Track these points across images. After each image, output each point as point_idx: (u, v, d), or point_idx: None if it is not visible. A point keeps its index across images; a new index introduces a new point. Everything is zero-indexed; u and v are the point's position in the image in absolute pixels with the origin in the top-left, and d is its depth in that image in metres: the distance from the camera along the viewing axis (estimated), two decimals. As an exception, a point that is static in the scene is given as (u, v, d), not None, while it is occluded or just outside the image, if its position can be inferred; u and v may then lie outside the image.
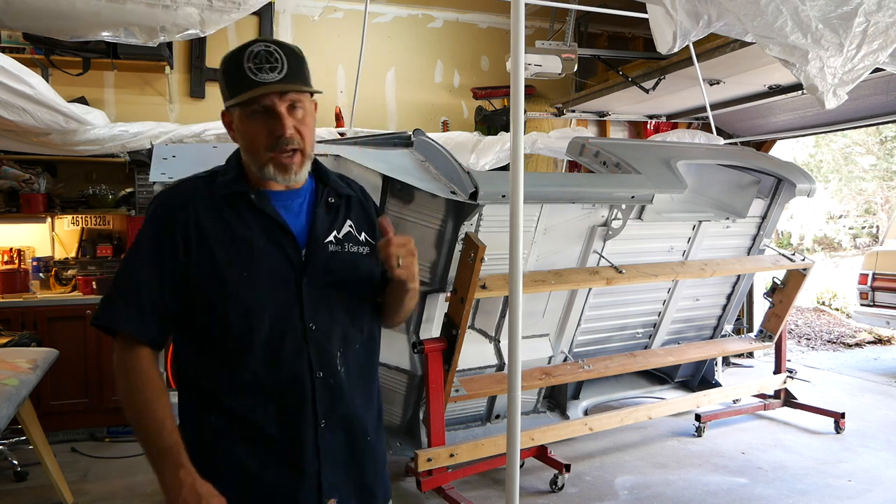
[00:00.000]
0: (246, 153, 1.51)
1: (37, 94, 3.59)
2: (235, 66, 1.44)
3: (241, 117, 1.47)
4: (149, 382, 1.41)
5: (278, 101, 1.44)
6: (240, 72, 1.43)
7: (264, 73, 1.43)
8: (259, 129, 1.46)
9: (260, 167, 1.48)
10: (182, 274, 1.44)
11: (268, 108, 1.44)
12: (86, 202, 5.06)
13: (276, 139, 1.45)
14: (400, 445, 4.01)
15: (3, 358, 3.39)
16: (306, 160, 1.51)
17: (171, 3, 2.86)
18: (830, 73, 2.75)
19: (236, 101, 1.44)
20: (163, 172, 3.04)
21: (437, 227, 3.52)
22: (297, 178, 1.50)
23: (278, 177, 1.48)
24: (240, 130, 1.49)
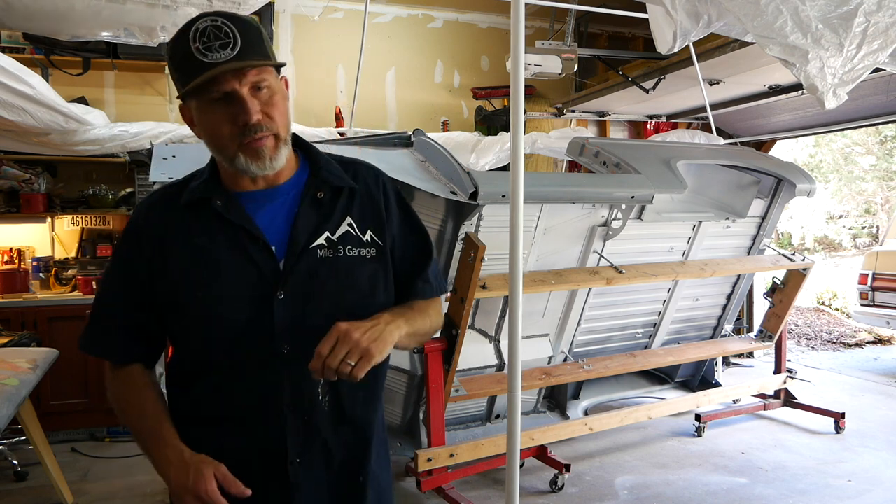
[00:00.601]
0: (213, 148, 1.29)
1: (37, 94, 3.58)
2: (182, 49, 1.21)
3: (199, 108, 1.26)
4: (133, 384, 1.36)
5: (238, 84, 1.22)
6: (188, 54, 1.20)
7: (215, 53, 1.20)
8: (221, 119, 1.24)
9: (231, 160, 1.27)
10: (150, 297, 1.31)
11: (227, 94, 1.22)
12: (86, 202, 5.06)
13: (241, 127, 1.23)
14: (400, 445, 4.01)
15: (3, 358, 3.39)
16: (281, 144, 1.28)
17: (171, 3, 2.86)
18: (830, 73, 2.75)
19: (190, 88, 1.22)
20: (163, 172, 3.04)
21: (437, 227, 3.52)
22: (273, 165, 1.28)
23: (252, 166, 1.26)
24: (201, 123, 1.28)
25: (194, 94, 1.24)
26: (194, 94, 1.24)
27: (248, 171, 1.27)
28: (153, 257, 1.29)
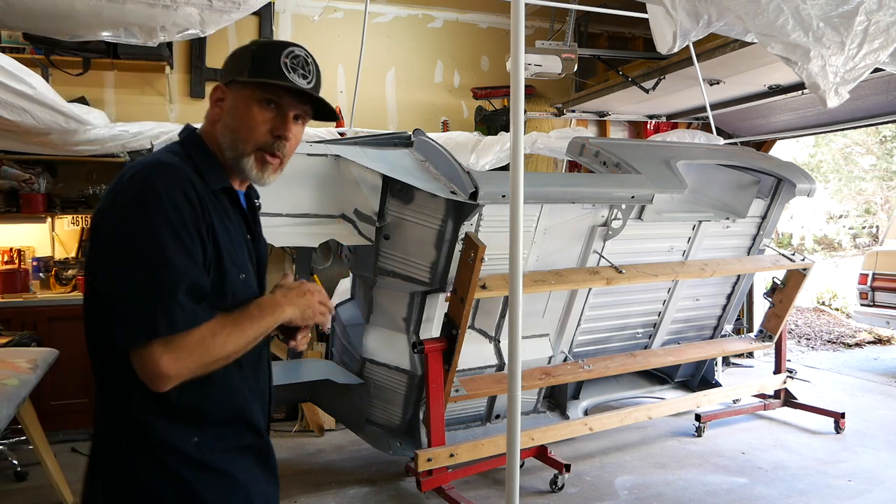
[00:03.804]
0: (229, 135, 1.40)
1: (37, 94, 3.58)
2: (270, 54, 1.40)
3: (247, 100, 1.39)
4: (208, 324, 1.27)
5: (293, 108, 1.42)
6: (273, 61, 1.38)
7: (296, 76, 1.40)
8: (262, 119, 1.39)
9: (239, 155, 1.40)
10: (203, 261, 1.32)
11: (281, 107, 1.41)
12: (86, 202, 5.05)
13: (273, 137, 1.40)
14: (400, 445, 4.01)
15: (3, 358, 3.39)
16: (280, 169, 1.45)
17: (171, 3, 2.85)
18: (832, 72, 2.75)
19: (261, 80, 1.38)
20: (163, 172, 3.03)
21: (437, 227, 3.51)
22: (266, 181, 1.44)
23: (252, 172, 1.41)
24: (237, 111, 1.40)
25: (255, 87, 1.39)
26: (255, 87, 1.39)
27: (246, 173, 1.42)
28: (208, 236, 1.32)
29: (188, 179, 1.31)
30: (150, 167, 1.30)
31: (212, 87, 1.48)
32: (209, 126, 1.45)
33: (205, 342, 1.24)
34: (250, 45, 1.44)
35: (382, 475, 4.08)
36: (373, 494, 3.84)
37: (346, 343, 4.11)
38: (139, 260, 1.23)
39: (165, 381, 1.21)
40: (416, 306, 3.74)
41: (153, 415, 1.29)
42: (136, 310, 1.21)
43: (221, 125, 1.42)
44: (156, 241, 1.23)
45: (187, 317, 1.23)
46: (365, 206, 3.61)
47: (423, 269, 3.62)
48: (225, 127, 1.41)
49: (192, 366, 1.24)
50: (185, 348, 1.22)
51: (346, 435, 4.60)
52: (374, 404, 4.05)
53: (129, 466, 1.29)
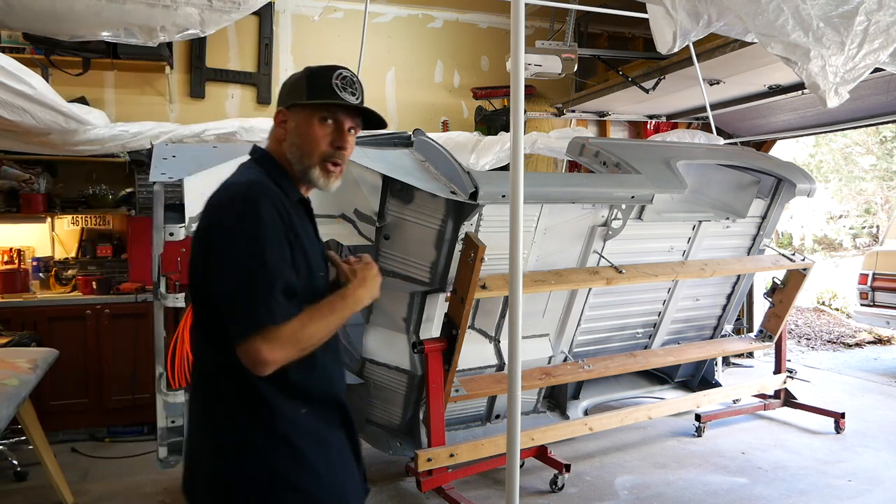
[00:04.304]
0: (297, 151, 1.64)
1: (37, 94, 3.58)
2: (322, 77, 1.65)
3: (308, 119, 1.63)
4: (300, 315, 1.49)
5: (347, 121, 1.66)
6: (326, 83, 1.64)
7: (346, 94, 1.64)
8: (323, 135, 1.64)
9: (307, 167, 1.64)
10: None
11: (338, 122, 1.65)
12: (86, 202, 5.05)
13: (334, 149, 1.65)
14: (400, 445, 4.01)
15: (3, 358, 3.39)
16: (340, 177, 1.70)
17: (171, 3, 2.86)
18: (832, 72, 2.75)
19: (318, 102, 1.62)
20: (163, 172, 3.04)
21: (437, 227, 3.51)
22: (331, 188, 1.68)
23: (320, 181, 1.66)
24: (301, 130, 1.64)
25: (314, 108, 1.63)
26: (314, 108, 1.63)
27: (314, 182, 1.66)
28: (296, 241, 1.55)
29: (277, 195, 1.55)
30: (246, 187, 1.54)
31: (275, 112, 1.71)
32: (275, 145, 1.68)
33: (296, 333, 1.47)
34: (304, 72, 1.69)
35: (382, 475, 4.08)
36: (373, 494, 3.84)
37: (346, 343, 4.11)
38: (241, 266, 1.47)
39: (265, 367, 1.45)
40: (416, 306, 3.74)
41: (270, 390, 1.52)
42: (241, 309, 1.46)
43: (288, 143, 1.65)
44: (256, 250, 1.46)
45: (283, 311, 1.45)
46: (365, 206, 3.62)
47: (423, 269, 3.62)
48: (291, 144, 1.65)
49: (287, 354, 1.46)
50: (281, 339, 1.44)
51: (346, 435, 4.60)
52: (374, 404, 4.05)
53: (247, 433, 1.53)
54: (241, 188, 1.54)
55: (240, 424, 1.54)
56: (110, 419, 4.78)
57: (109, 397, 4.72)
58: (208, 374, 1.63)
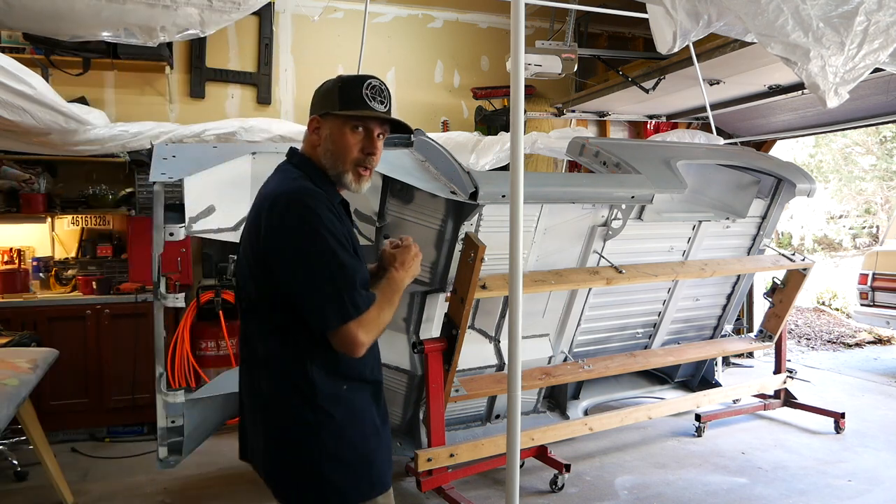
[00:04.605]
0: (331, 157, 1.80)
1: (37, 94, 3.58)
2: (353, 88, 1.77)
3: (341, 128, 1.78)
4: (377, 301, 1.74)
5: (377, 128, 1.81)
6: (357, 94, 1.76)
7: (376, 103, 1.78)
8: (355, 142, 1.79)
9: (341, 172, 1.80)
10: None
11: (368, 130, 1.80)
12: (86, 202, 5.05)
13: (364, 155, 1.80)
14: (400, 445, 4.01)
15: (3, 358, 3.39)
16: (370, 179, 1.86)
17: (171, 3, 2.85)
18: (832, 72, 2.75)
19: (350, 113, 1.77)
20: (163, 172, 3.04)
21: (437, 227, 3.52)
22: (362, 190, 1.85)
23: (352, 184, 1.81)
24: (334, 138, 1.79)
25: (346, 117, 1.77)
26: (346, 117, 1.77)
27: (347, 185, 1.82)
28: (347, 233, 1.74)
29: (328, 198, 1.74)
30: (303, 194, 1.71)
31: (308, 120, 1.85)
32: (311, 149, 1.84)
33: (377, 317, 1.71)
34: (336, 82, 1.81)
35: (382, 475, 4.07)
36: (373, 494, 3.83)
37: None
38: (322, 266, 1.66)
39: (361, 349, 1.69)
40: (416, 306, 3.74)
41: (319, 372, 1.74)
42: (330, 302, 1.65)
43: (322, 149, 1.81)
44: (329, 250, 1.66)
45: (366, 301, 1.69)
46: (365, 206, 3.62)
47: (423, 269, 3.61)
48: (326, 150, 1.80)
49: (374, 334, 1.72)
50: (369, 323, 1.69)
51: (346, 435, 4.60)
52: (374, 404, 4.05)
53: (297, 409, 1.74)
54: (296, 194, 1.71)
55: (289, 401, 1.74)
56: (110, 419, 4.78)
57: (109, 397, 4.72)
58: (262, 358, 1.80)
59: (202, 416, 3.27)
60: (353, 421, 1.78)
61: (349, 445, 1.76)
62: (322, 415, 1.73)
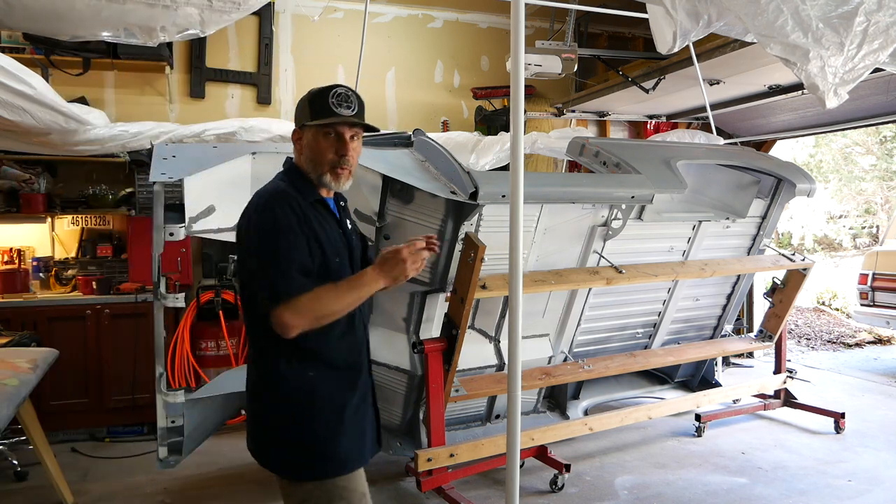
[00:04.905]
0: (310, 163, 2.01)
1: (37, 94, 3.58)
2: (321, 99, 1.97)
3: (315, 135, 1.99)
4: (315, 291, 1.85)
5: (347, 131, 1.99)
6: (324, 103, 1.96)
7: (342, 109, 1.97)
8: (329, 147, 1.99)
9: (320, 175, 2.00)
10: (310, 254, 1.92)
11: (339, 134, 1.99)
12: (86, 202, 5.05)
13: (339, 157, 1.99)
14: (400, 445, 4.01)
15: (3, 358, 3.40)
16: (351, 176, 2.04)
17: (171, 3, 2.86)
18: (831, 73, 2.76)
19: (318, 122, 1.96)
20: (163, 172, 3.04)
21: (437, 227, 3.52)
22: (343, 187, 2.04)
23: (332, 183, 2.00)
24: (311, 145, 2.00)
25: (318, 127, 1.98)
26: (318, 127, 1.98)
27: (328, 185, 2.02)
28: (309, 232, 1.92)
29: (293, 198, 1.94)
30: (269, 194, 1.96)
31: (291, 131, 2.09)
32: (298, 157, 2.06)
33: (311, 302, 1.83)
34: (307, 96, 2.01)
35: (382, 475, 4.08)
36: (373, 494, 3.80)
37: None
38: (267, 255, 1.86)
39: (291, 330, 1.82)
40: (416, 306, 3.74)
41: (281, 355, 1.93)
42: (266, 286, 1.84)
43: (304, 157, 2.03)
44: (276, 241, 1.86)
45: (298, 286, 1.83)
46: (365, 206, 3.62)
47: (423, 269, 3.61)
48: (307, 158, 2.02)
49: (307, 318, 1.83)
50: (299, 308, 1.82)
51: (346, 435, 4.60)
52: (374, 404, 4.05)
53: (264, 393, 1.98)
54: (266, 195, 1.96)
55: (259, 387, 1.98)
56: (110, 419, 4.78)
57: (109, 397, 4.72)
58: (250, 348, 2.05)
59: (202, 416, 3.27)
60: (313, 406, 1.94)
61: (308, 429, 1.93)
62: (282, 400, 1.94)
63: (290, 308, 1.81)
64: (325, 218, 2.00)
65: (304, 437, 1.93)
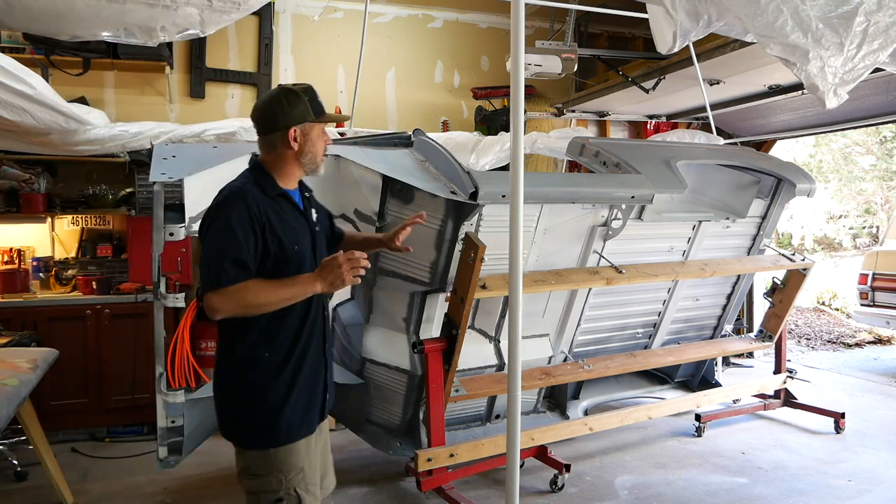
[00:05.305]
0: (309, 156, 2.22)
1: (37, 94, 3.58)
2: (313, 97, 2.20)
3: (316, 132, 2.22)
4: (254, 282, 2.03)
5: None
6: (318, 102, 2.21)
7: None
8: (322, 140, 2.25)
9: (315, 166, 2.25)
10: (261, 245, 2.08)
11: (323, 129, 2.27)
12: (86, 202, 5.05)
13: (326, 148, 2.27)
14: (400, 445, 4.01)
15: (3, 358, 3.40)
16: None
17: (171, 3, 2.86)
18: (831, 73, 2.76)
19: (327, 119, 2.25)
20: (163, 172, 3.03)
21: (437, 227, 3.51)
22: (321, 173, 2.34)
23: (320, 169, 2.27)
24: (311, 141, 2.20)
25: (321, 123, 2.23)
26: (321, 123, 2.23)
27: (319, 172, 2.29)
28: (264, 225, 2.08)
29: (253, 195, 2.10)
30: (228, 193, 2.10)
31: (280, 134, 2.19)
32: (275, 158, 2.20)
33: (240, 292, 1.99)
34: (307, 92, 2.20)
35: (382, 475, 4.08)
36: (373, 494, 3.84)
37: (346, 343, 4.11)
38: (211, 248, 2.03)
39: (216, 313, 2.00)
40: (416, 306, 3.74)
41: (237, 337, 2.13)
42: (204, 273, 2.02)
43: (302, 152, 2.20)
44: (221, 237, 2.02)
45: (230, 276, 1.99)
46: (365, 206, 3.62)
47: (423, 269, 3.62)
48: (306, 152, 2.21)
49: (231, 304, 2.00)
50: (229, 296, 1.99)
51: (346, 435, 4.60)
52: (374, 404, 4.05)
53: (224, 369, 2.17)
54: (222, 194, 2.12)
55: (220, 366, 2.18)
56: (110, 419, 4.78)
57: (109, 397, 4.72)
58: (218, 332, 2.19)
59: (202, 416, 3.27)
60: (266, 382, 2.12)
61: (261, 402, 2.11)
62: (241, 376, 2.12)
63: (217, 294, 1.98)
64: (285, 210, 2.17)
65: (256, 409, 2.11)
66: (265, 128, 2.20)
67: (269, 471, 2.12)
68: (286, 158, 2.19)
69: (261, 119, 2.21)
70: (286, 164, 2.20)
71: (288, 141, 2.16)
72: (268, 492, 2.13)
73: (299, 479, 2.15)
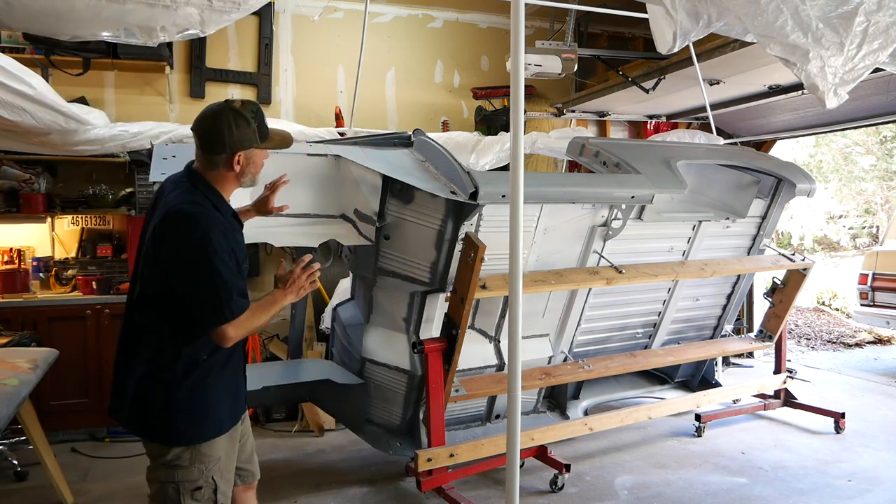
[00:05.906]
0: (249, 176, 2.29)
1: (37, 94, 3.58)
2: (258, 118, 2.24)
3: (262, 154, 2.30)
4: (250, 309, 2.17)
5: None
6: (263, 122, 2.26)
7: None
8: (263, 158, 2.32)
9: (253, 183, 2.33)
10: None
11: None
12: (86, 202, 5.05)
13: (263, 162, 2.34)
14: (400, 445, 4.01)
15: (3, 358, 3.40)
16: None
17: (171, 3, 2.86)
18: (831, 73, 2.76)
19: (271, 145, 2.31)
20: (163, 172, 3.03)
21: (437, 227, 3.51)
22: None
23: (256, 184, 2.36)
24: (255, 163, 2.28)
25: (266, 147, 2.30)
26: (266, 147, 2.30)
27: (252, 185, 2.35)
28: (233, 247, 2.16)
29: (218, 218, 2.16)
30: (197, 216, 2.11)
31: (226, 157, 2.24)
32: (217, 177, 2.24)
33: (248, 320, 2.16)
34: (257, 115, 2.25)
35: (382, 475, 4.08)
36: (373, 494, 3.84)
37: (346, 343, 4.11)
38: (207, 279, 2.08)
39: (231, 342, 2.15)
40: (416, 306, 3.74)
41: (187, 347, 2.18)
42: (211, 308, 2.10)
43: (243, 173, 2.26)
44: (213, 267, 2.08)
45: (240, 307, 2.13)
46: (365, 206, 3.62)
47: (423, 269, 3.62)
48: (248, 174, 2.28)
49: (243, 333, 2.17)
50: (240, 325, 2.14)
51: (346, 435, 4.60)
52: (374, 404, 4.05)
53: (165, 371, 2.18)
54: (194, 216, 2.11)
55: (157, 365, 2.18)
56: (110, 419, 4.76)
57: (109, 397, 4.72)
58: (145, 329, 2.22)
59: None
60: (204, 381, 2.21)
61: (198, 400, 2.20)
62: (184, 378, 2.17)
63: (232, 326, 2.11)
64: (236, 228, 2.27)
65: (191, 409, 2.19)
66: (210, 147, 2.21)
67: (193, 462, 2.20)
68: (227, 178, 2.24)
69: (205, 137, 2.22)
70: (227, 182, 2.25)
71: (231, 164, 2.20)
72: (188, 481, 2.19)
73: (216, 468, 2.24)
